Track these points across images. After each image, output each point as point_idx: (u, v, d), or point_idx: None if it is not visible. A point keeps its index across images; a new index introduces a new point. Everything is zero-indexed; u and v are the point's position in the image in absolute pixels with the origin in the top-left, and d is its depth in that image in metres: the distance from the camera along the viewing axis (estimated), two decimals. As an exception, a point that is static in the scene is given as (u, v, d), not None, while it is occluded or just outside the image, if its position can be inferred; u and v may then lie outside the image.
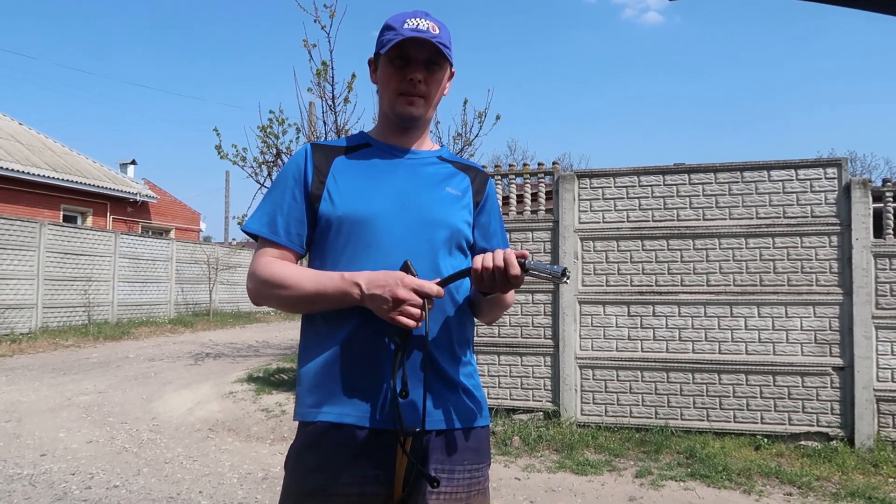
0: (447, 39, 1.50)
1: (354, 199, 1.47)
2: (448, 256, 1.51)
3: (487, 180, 1.66)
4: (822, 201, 5.46)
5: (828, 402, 5.35)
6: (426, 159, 1.59)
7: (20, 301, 12.73)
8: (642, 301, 5.80)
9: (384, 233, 1.45)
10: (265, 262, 1.48)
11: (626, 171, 5.93)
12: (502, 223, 1.70)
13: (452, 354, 1.49)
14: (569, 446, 5.28)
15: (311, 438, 1.43)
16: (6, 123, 19.53)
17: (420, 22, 1.47)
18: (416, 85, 1.48)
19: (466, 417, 1.49)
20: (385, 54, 1.49)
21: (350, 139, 1.61)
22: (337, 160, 1.53)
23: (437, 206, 1.51)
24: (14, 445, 5.30)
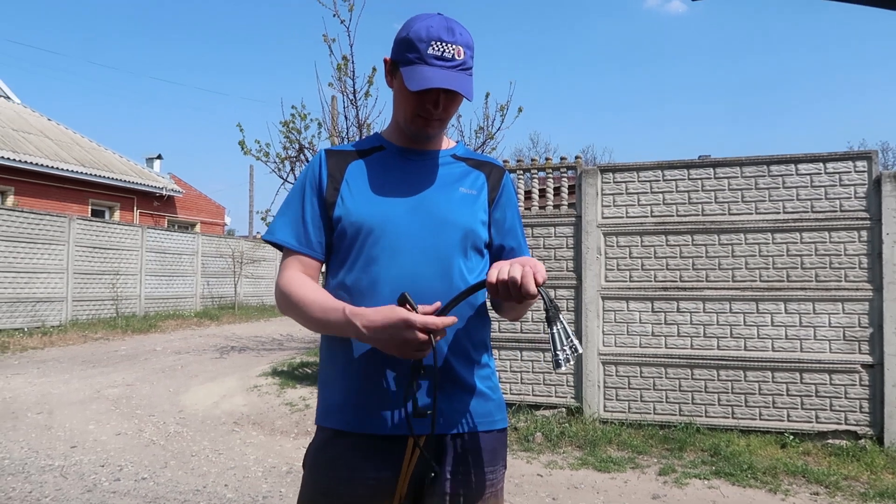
0: (470, 56, 1.44)
1: (367, 204, 1.47)
2: (463, 258, 1.49)
3: (503, 175, 1.62)
4: (851, 195, 5.35)
5: (856, 400, 5.26)
6: (440, 159, 1.57)
7: (51, 294, 13.00)
8: (666, 297, 5.74)
9: (398, 237, 1.44)
10: (287, 276, 1.49)
11: (649, 165, 5.87)
12: (520, 218, 1.67)
13: (469, 357, 1.49)
14: (591, 443, 5.26)
15: (326, 440, 1.48)
16: (36, 119, 19.90)
17: (446, 48, 1.40)
18: (435, 113, 1.46)
19: (483, 421, 1.49)
20: (404, 70, 1.44)
21: (363, 142, 1.60)
22: (351, 165, 1.53)
23: (450, 208, 1.50)
24: (46, 437, 5.42)
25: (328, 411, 1.48)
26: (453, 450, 1.45)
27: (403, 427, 1.40)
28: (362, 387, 1.43)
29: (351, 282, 1.46)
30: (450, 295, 1.41)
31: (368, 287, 1.43)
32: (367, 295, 1.42)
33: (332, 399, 1.48)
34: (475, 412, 1.48)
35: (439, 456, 1.44)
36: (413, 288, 1.39)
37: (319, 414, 1.52)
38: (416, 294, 1.38)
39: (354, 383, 1.43)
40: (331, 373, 1.49)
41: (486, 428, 1.50)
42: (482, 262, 1.55)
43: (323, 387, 1.52)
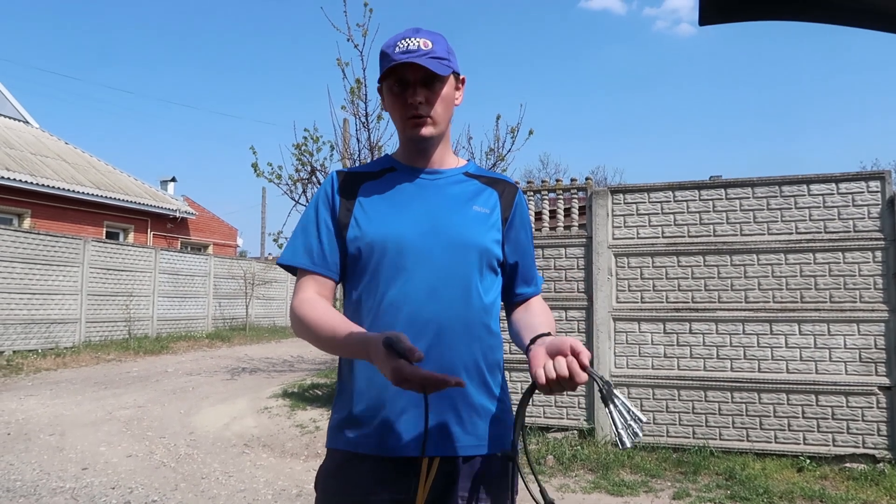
0: (443, 50, 1.48)
1: (381, 225, 1.47)
2: (479, 279, 1.49)
3: (516, 193, 1.62)
4: (864, 215, 5.31)
5: (874, 423, 5.18)
6: (452, 178, 1.57)
7: (64, 316, 13.09)
8: (678, 318, 5.70)
9: (415, 258, 1.44)
10: (301, 299, 1.47)
11: (660, 186, 5.86)
12: (532, 237, 1.67)
13: (484, 380, 1.49)
14: (604, 466, 5.20)
15: (337, 463, 1.47)
16: (53, 143, 20.21)
17: (410, 42, 1.45)
18: (419, 107, 1.46)
19: (494, 444, 1.48)
20: (385, 83, 1.49)
21: (375, 164, 1.61)
22: (363, 187, 1.54)
23: (465, 228, 1.49)
24: (57, 459, 5.43)
25: (341, 433, 1.47)
26: (467, 473, 1.44)
27: (412, 448, 1.39)
28: (377, 409, 1.42)
29: (369, 303, 1.45)
30: (468, 316, 1.44)
31: (387, 308, 1.42)
32: (386, 316, 1.42)
33: (346, 421, 1.47)
34: (489, 435, 1.47)
35: (452, 479, 1.42)
36: (432, 309, 1.41)
37: (331, 436, 1.51)
38: (435, 315, 1.40)
39: (370, 405, 1.43)
40: (346, 394, 1.49)
41: (498, 450, 1.48)
42: (497, 281, 1.56)
43: (337, 408, 1.52)
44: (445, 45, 1.50)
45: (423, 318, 1.41)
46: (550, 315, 1.60)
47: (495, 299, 1.55)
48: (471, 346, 1.46)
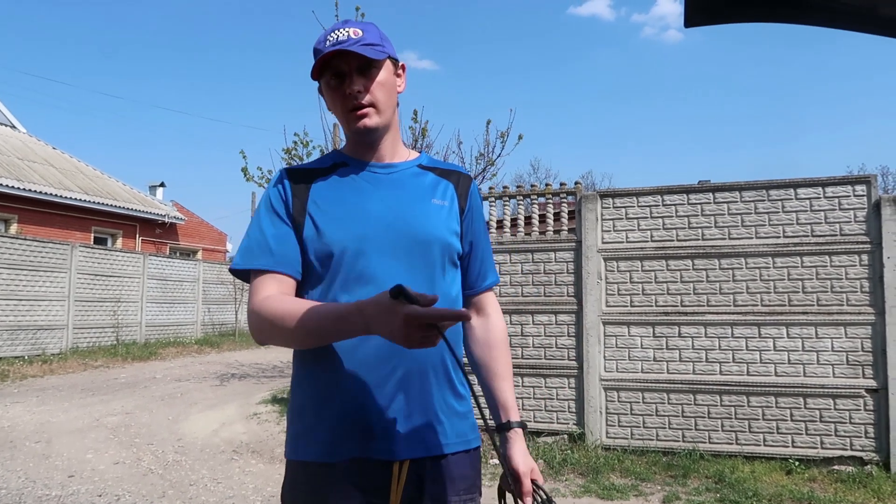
0: (374, 37, 1.44)
1: (341, 224, 1.42)
2: (443, 275, 1.48)
3: (471, 183, 1.60)
4: (851, 219, 5.36)
5: (861, 426, 5.21)
6: (407, 171, 1.53)
7: (52, 322, 12.98)
8: (668, 322, 5.72)
9: (377, 255, 1.40)
10: (263, 297, 1.37)
11: (649, 190, 5.89)
12: (486, 227, 1.65)
13: (448, 377, 1.47)
14: (594, 470, 5.20)
15: (301, 475, 1.41)
16: (41, 148, 20.07)
17: (340, 33, 1.41)
18: (359, 96, 1.42)
19: (460, 441, 1.48)
20: (321, 79, 1.45)
21: (324, 160, 1.55)
22: (315, 184, 1.47)
23: (427, 222, 1.46)
24: (43, 466, 5.37)
25: (304, 442, 1.41)
26: (437, 472, 1.42)
27: (387, 452, 1.37)
28: (343, 412, 1.38)
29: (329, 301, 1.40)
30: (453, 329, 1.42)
31: None
32: None
33: (309, 428, 1.40)
34: (455, 432, 1.46)
35: (423, 479, 1.40)
36: None
37: (293, 447, 1.44)
38: None
39: (333, 408, 1.38)
40: (306, 399, 1.43)
41: (464, 448, 1.48)
42: (458, 275, 1.54)
43: (297, 416, 1.44)
44: (377, 32, 1.46)
45: None
46: (507, 344, 1.62)
47: (458, 294, 1.54)
48: (444, 347, 1.43)
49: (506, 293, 6.25)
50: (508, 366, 1.59)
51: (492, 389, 1.56)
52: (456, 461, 1.46)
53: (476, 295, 1.61)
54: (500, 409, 1.53)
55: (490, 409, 1.54)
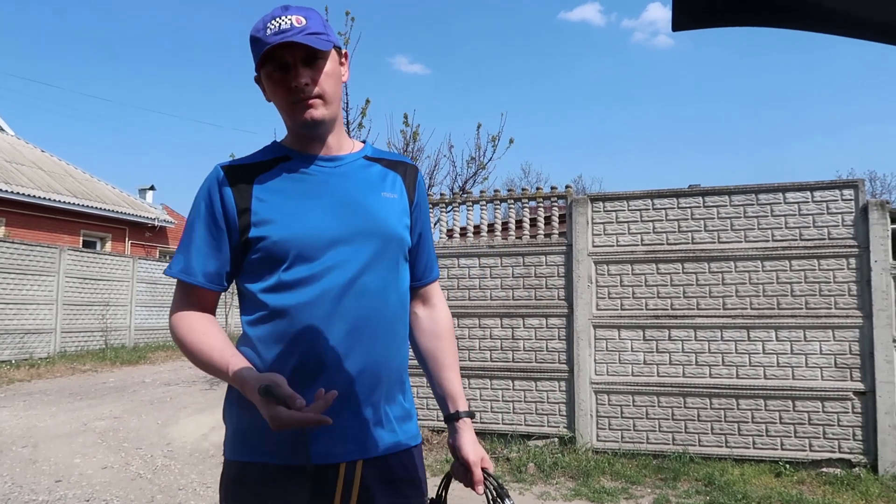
0: (318, 25, 1.38)
1: (290, 221, 1.36)
2: (397, 270, 1.46)
3: (417, 173, 1.57)
4: (839, 223, 5.40)
5: (849, 428, 5.24)
6: (354, 163, 1.48)
7: (39, 326, 12.87)
8: (658, 325, 5.74)
9: (331, 252, 1.37)
10: (179, 316, 1.40)
11: (639, 194, 5.91)
12: (429, 218, 1.64)
13: (400, 377, 1.48)
14: (585, 473, 5.21)
15: (242, 476, 1.38)
16: (29, 151, 19.93)
17: (282, 21, 1.35)
18: (305, 89, 1.36)
19: (408, 437, 1.48)
20: (263, 70, 1.39)
21: (263, 153, 1.47)
22: (258, 180, 1.41)
23: (379, 216, 1.43)
24: (30, 471, 5.32)
25: (246, 442, 1.38)
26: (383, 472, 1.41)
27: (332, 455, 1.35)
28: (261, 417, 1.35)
29: (286, 304, 1.35)
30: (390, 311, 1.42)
31: (307, 305, 1.35)
32: (306, 314, 1.35)
33: (252, 428, 1.35)
34: (401, 431, 1.46)
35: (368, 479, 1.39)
36: (353, 306, 1.36)
37: (235, 447, 1.40)
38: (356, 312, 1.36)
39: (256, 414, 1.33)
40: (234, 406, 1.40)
41: (415, 443, 1.49)
42: (407, 269, 1.52)
43: (239, 415, 1.40)
44: (320, 19, 1.40)
45: (343, 316, 1.36)
46: (453, 334, 1.62)
47: (407, 289, 1.52)
48: (394, 342, 1.44)
49: (497, 296, 6.25)
50: (454, 356, 1.58)
51: (439, 380, 1.54)
52: (402, 458, 1.45)
53: (424, 286, 1.61)
54: (447, 400, 1.52)
55: (438, 400, 1.54)
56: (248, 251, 1.38)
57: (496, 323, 6.23)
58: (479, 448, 1.46)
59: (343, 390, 1.34)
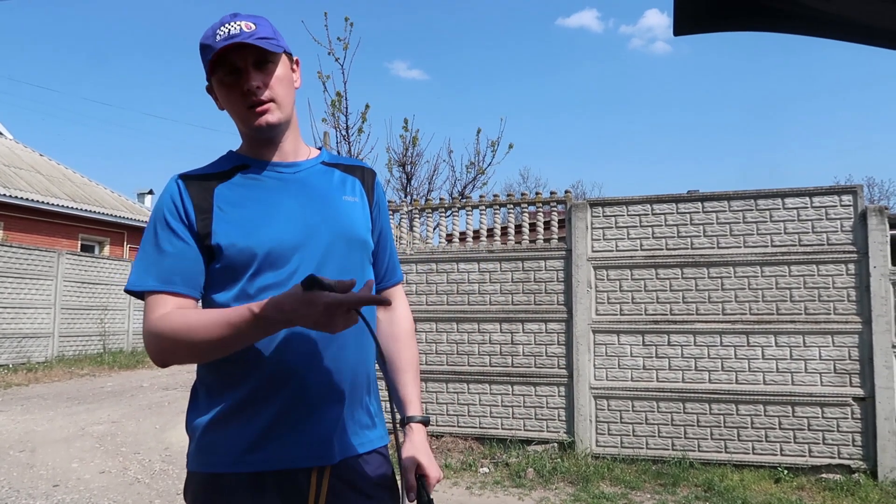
0: (268, 30, 1.37)
1: (252, 230, 1.34)
2: (363, 273, 1.46)
3: (375, 177, 1.58)
4: (837, 229, 5.41)
5: (849, 434, 5.24)
6: (313, 169, 1.47)
7: (37, 330, 12.84)
8: (657, 330, 5.74)
9: (296, 259, 1.35)
10: (160, 315, 1.29)
11: (638, 199, 5.92)
12: (389, 223, 1.63)
13: (368, 380, 1.48)
14: (584, 478, 5.20)
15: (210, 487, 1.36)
16: (28, 155, 19.92)
17: (231, 27, 1.34)
18: (257, 92, 1.35)
19: (378, 438, 1.49)
20: (214, 76, 1.37)
21: (220, 163, 1.45)
22: (218, 189, 1.38)
23: (343, 221, 1.43)
24: (27, 476, 5.30)
25: (214, 452, 1.34)
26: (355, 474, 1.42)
27: (301, 460, 1.34)
28: (258, 420, 1.33)
29: None
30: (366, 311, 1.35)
31: None
32: None
33: (221, 438, 1.34)
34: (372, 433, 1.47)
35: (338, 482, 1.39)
36: None
37: (202, 459, 1.36)
38: None
39: (248, 417, 1.33)
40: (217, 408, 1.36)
41: (383, 443, 1.50)
42: (371, 272, 1.53)
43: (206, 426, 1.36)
44: (270, 26, 1.40)
45: None
46: (412, 338, 1.61)
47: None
48: (363, 346, 1.43)
49: (496, 301, 6.25)
50: (412, 360, 1.57)
51: (395, 384, 1.54)
52: (372, 460, 1.46)
53: (385, 289, 1.61)
54: (401, 405, 1.52)
55: (395, 403, 1.52)
56: (212, 261, 1.36)
57: (495, 328, 6.23)
58: (421, 454, 1.43)
59: (314, 395, 1.34)
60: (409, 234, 6.82)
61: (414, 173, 11.86)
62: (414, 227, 6.84)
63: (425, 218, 6.82)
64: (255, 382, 1.33)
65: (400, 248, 6.40)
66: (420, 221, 6.89)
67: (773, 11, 1.28)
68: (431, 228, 6.78)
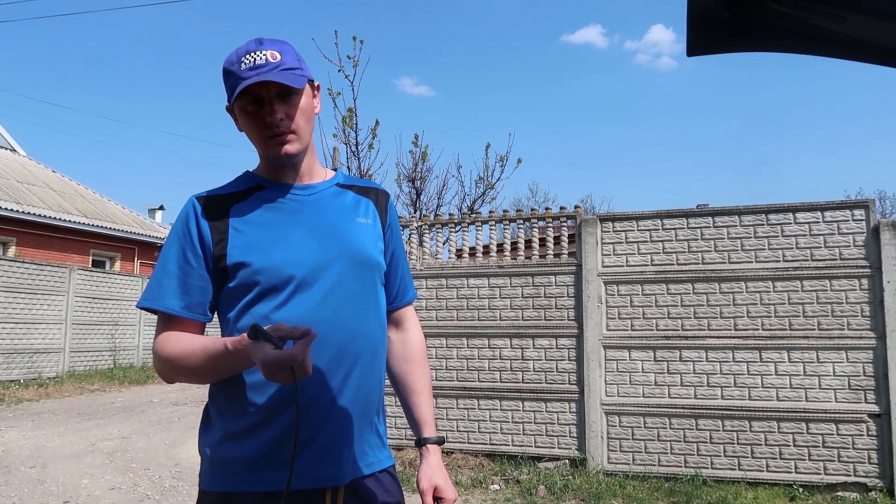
0: (292, 60, 1.39)
1: (268, 251, 1.37)
2: (375, 295, 1.48)
3: (388, 198, 1.60)
4: (850, 243, 5.37)
5: (864, 451, 5.17)
6: (328, 191, 1.50)
7: (48, 345, 12.90)
8: (668, 346, 5.70)
9: (309, 281, 1.37)
10: (163, 338, 1.37)
11: (648, 214, 5.91)
12: (402, 243, 1.65)
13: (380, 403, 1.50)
14: (596, 496, 5.15)
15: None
16: (41, 171, 20.13)
17: (257, 56, 1.36)
18: (280, 124, 1.38)
19: (386, 458, 1.50)
20: (237, 103, 1.39)
21: (237, 183, 1.48)
22: (234, 209, 1.41)
23: (356, 243, 1.45)
24: (38, 492, 5.31)
25: (227, 471, 1.37)
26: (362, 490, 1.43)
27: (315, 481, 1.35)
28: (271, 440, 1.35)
29: None
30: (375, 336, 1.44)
31: None
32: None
33: (234, 457, 1.36)
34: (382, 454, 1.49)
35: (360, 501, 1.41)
36: (343, 329, 1.38)
37: (212, 476, 1.39)
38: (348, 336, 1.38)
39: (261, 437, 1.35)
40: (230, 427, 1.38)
41: (390, 463, 1.51)
42: (384, 294, 1.54)
43: (219, 444, 1.39)
44: (294, 54, 1.42)
45: (327, 342, 1.35)
46: (425, 358, 1.63)
47: (384, 313, 1.54)
48: (374, 367, 1.46)
49: (506, 317, 6.23)
50: (425, 380, 1.59)
51: (409, 405, 1.56)
52: (381, 480, 1.47)
53: (397, 310, 1.62)
54: (417, 426, 1.55)
55: (410, 425, 1.56)
56: (227, 280, 1.38)
57: (506, 343, 6.21)
58: (436, 476, 1.47)
59: (326, 415, 1.36)
60: (419, 249, 6.84)
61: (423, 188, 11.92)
62: (424, 243, 6.85)
63: (435, 233, 6.83)
64: (267, 402, 1.35)
65: (410, 263, 6.41)
66: (430, 237, 6.90)
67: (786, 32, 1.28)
68: (441, 243, 6.78)
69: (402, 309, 1.63)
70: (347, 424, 1.38)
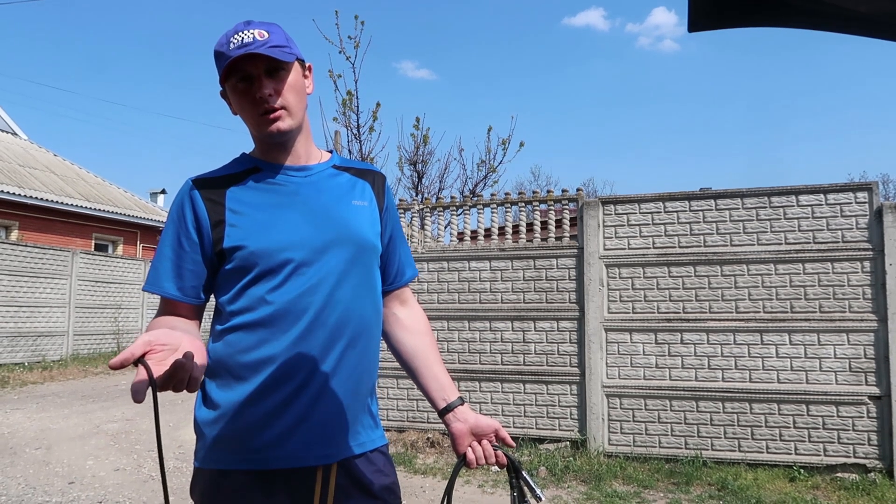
0: (280, 38, 1.40)
1: (264, 232, 1.38)
2: (371, 276, 1.49)
3: (385, 181, 1.61)
4: (853, 226, 5.35)
5: (864, 433, 5.19)
6: (324, 172, 1.50)
7: (52, 329, 12.97)
8: (670, 328, 5.71)
9: (307, 262, 1.38)
10: (153, 321, 1.40)
11: (651, 197, 5.89)
12: (400, 223, 1.66)
13: (372, 384, 1.51)
14: (597, 477, 5.18)
15: (218, 484, 1.39)
16: (42, 155, 20.11)
17: (245, 35, 1.37)
18: (269, 99, 1.38)
19: (378, 438, 1.51)
20: (227, 83, 1.41)
21: (232, 166, 1.49)
22: (230, 191, 1.42)
23: (352, 224, 1.46)
24: (43, 473, 5.36)
25: (223, 449, 1.38)
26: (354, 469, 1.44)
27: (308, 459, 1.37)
28: (266, 418, 1.36)
29: (266, 313, 1.37)
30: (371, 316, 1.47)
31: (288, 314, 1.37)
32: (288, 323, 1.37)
33: (229, 435, 1.37)
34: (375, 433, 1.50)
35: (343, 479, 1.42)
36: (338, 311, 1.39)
37: (207, 454, 1.40)
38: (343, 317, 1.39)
39: (255, 415, 1.36)
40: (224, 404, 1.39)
41: (383, 443, 1.52)
42: (379, 275, 1.55)
43: (213, 422, 1.39)
44: (283, 34, 1.43)
45: (322, 324, 1.38)
46: (431, 333, 1.65)
47: (380, 294, 1.55)
48: (369, 348, 1.48)
49: (508, 300, 6.24)
50: (436, 350, 1.63)
51: (432, 374, 1.57)
52: (374, 459, 1.48)
53: (399, 288, 1.64)
54: (445, 391, 1.56)
55: (432, 392, 1.56)
56: (223, 263, 1.40)
57: (507, 326, 6.22)
58: (485, 421, 1.52)
59: (319, 395, 1.37)
60: (421, 232, 6.83)
61: (425, 172, 11.89)
62: (425, 226, 6.84)
63: (436, 216, 6.82)
64: (261, 380, 1.36)
65: (411, 246, 6.41)
66: (431, 220, 6.89)
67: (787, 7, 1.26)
68: (443, 227, 6.78)
69: (404, 287, 1.65)
70: (340, 404, 1.39)
